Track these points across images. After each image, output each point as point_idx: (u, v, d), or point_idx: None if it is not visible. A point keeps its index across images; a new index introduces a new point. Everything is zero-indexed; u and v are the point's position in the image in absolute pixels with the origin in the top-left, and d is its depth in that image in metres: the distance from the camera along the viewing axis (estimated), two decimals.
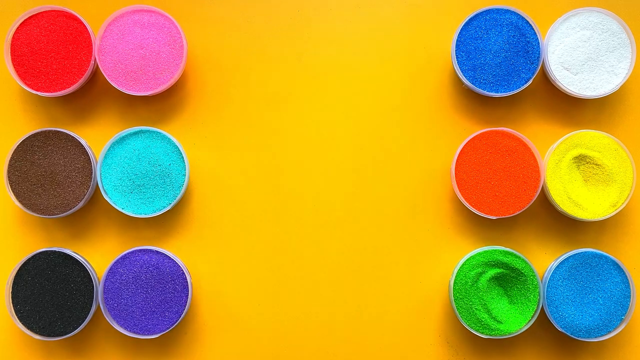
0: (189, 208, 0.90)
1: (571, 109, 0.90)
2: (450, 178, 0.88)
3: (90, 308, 0.85)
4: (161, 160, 0.86)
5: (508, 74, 0.86)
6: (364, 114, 0.90)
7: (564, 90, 0.87)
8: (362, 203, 0.90)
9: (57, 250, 0.85)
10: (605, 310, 0.85)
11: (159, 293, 0.85)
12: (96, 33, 0.87)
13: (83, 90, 0.90)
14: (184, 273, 0.86)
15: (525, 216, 0.89)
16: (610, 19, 0.87)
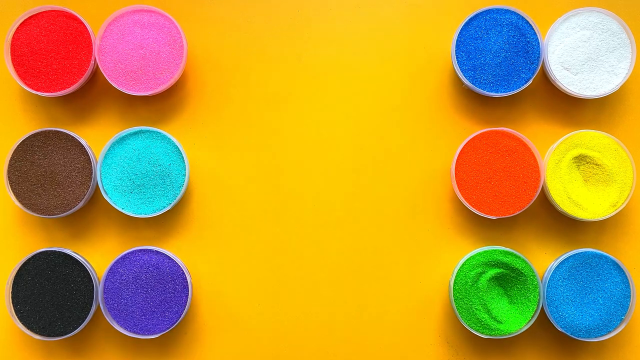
0: (189, 208, 0.90)
1: (571, 109, 0.90)
2: (450, 178, 0.88)
3: (90, 308, 0.85)
4: (161, 160, 0.86)
5: (508, 74, 0.86)
6: (364, 114, 0.90)
7: (564, 90, 0.87)
8: (362, 203, 0.89)
9: (57, 250, 0.85)
10: (605, 310, 0.84)
11: (159, 293, 0.85)
12: (96, 33, 0.87)
13: (83, 90, 0.90)
14: (184, 273, 0.86)
15: (525, 216, 0.89)
16: (610, 19, 0.87)
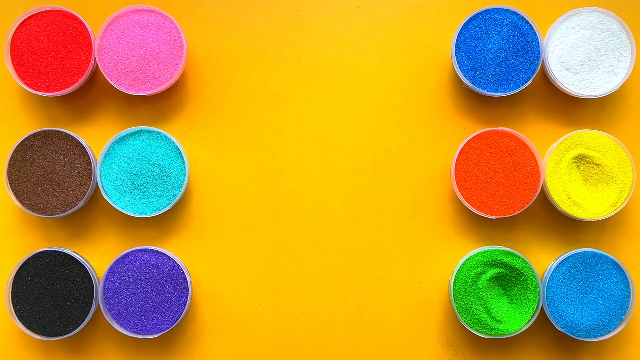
0: (189, 208, 0.90)
1: (571, 109, 0.90)
2: (450, 178, 0.88)
3: (90, 308, 0.85)
4: (161, 160, 0.86)
5: (508, 74, 0.86)
6: (364, 114, 0.90)
7: (564, 90, 0.87)
8: (362, 203, 0.89)
9: (57, 250, 0.85)
10: (605, 310, 0.84)
11: (159, 293, 0.85)
12: (96, 33, 0.87)
13: (83, 90, 0.90)
14: (184, 273, 0.86)
15: (525, 216, 0.89)
16: (610, 19, 0.87)
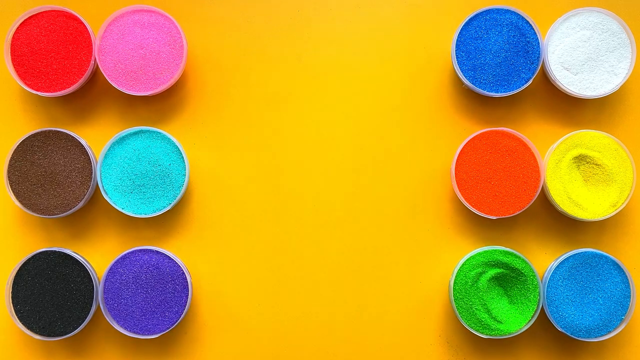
0: (189, 208, 0.90)
1: (571, 109, 0.90)
2: (450, 178, 0.88)
3: (90, 308, 0.85)
4: (161, 160, 0.86)
5: (508, 74, 0.86)
6: (364, 114, 0.90)
7: (564, 90, 0.87)
8: (362, 203, 0.89)
9: (57, 250, 0.85)
10: (605, 310, 0.84)
11: (159, 293, 0.85)
12: (96, 33, 0.87)
13: (83, 90, 0.90)
14: (184, 273, 0.86)
15: (525, 216, 0.89)
16: (610, 19, 0.87)
